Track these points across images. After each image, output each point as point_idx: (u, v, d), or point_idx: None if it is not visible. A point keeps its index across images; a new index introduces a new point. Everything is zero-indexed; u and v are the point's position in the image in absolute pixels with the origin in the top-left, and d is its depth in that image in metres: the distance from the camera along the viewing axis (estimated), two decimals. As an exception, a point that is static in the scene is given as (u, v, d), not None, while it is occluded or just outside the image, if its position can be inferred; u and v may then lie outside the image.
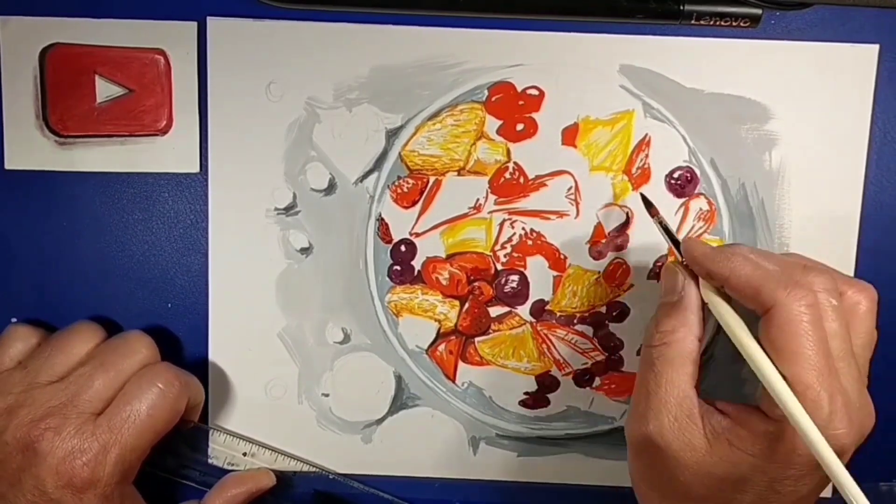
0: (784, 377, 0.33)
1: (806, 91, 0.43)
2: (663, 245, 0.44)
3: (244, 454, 0.44)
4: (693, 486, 0.35)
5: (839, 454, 0.33)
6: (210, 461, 0.44)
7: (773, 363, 0.34)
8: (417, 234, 0.44)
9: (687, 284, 0.37)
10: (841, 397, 0.34)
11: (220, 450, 0.44)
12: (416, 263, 0.44)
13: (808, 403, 0.33)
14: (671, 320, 0.37)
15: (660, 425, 0.35)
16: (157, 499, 0.42)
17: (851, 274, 0.44)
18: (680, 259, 0.38)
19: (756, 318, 0.35)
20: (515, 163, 0.43)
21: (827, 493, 0.45)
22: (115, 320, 0.44)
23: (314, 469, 0.45)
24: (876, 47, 0.43)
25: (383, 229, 0.44)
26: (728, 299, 0.37)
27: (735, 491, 0.35)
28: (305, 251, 0.44)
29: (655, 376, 0.36)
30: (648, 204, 0.41)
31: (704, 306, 0.37)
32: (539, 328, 0.45)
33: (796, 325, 0.33)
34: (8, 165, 0.42)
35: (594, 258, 0.44)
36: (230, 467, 0.44)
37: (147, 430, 0.39)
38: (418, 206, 0.44)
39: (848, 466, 0.34)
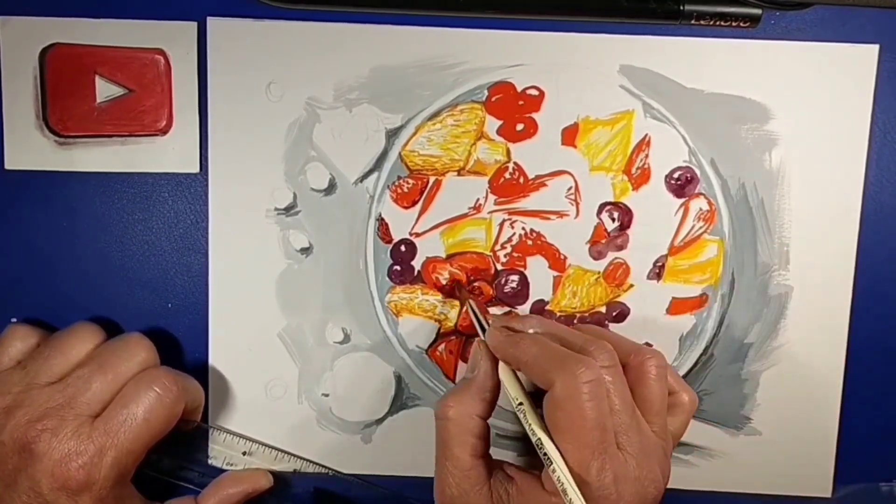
0: (560, 452, 0.35)
1: (806, 91, 0.43)
2: (663, 245, 0.44)
3: (244, 453, 0.44)
4: None
5: None
6: (209, 461, 0.44)
7: (551, 439, 0.36)
8: (417, 234, 0.44)
9: (483, 365, 0.39)
10: (612, 472, 0.35)
11: (219, 449, 0.44)
12: (416, 263, 0.44)
13: (576, 477, 0.35)
14: (457, 397, 0.39)
15: (451, 494, 0.38)
16: (157, 498, 0.42)
17: (851, 274, 0.44)
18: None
19: None
20: (515, 163, 0.43)
21: (827, 492, 0.45)
22: (115, 320, 0.44)
23: (314, 468, 0.45)
24: (876, 47, 0.43)
25: (383, 229, 0.44)
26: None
27: None
28: (305, 251, 0.44)
29: (442, 449, 0.38)
30: (460, 289, 0.43)
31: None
32: (539, 328, 0.45)
33: (569, 404, 0.35)
34: (8, 165, 0.42)
35: (594, 258, 0.44)
36: (229, 467, 0.44)
37: (143, 434, 0.39)
38: (418, 206, 0.44)
39: None
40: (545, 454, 0.36)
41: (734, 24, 0.41)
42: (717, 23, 0.41)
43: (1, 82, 0.42)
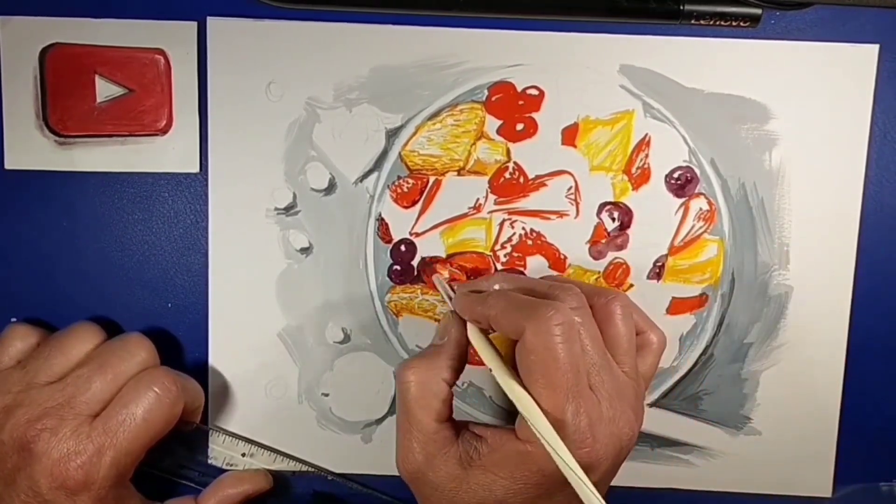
0: (534, 399, 0.35)
1: (806, 91, 0.43)
2: (663, 245, 0.44)
3: (243, 454, 0.44)
4: None
5: (589, 468, 0.35)
6: (210, 461, 0.44)
7: (524, 387, 0.35)
8: (417, 234, 0.44)
9: (452, 329, 0.39)
10: (587, 414, 0.35)
11: (219, 450, 0.44)
12: (416, 263, 0.44)
13: (552, 422, 0.34)
14: (423, 361, 0.38)
15: (415, 461, 0.37)
16: (157, 497, 0.42)
17: (851, 274, 0.44)
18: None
19: None
20: (515, 163, 0.43)
21: (827, 492, 0.45)
22: (115, 320, 0.44)
23: (313, 469, 0.45)
24: (876, 47, 0.43)
25: (383, 229, 0.44)
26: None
27: None
28: (305, 251, 0.44)
29: (405, 415, 0.38)
30: (426, 267, 0.43)
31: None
32: (539, 328, 0.45)
33: (541, 349, 0.35)
34: (8, 165, 0.42)
35: (594, 258, 0.44)
36: (229, 467, 0.44)
37: (142, 435, 0.39)
38: (418, 206, 0.44)
39: (605, 479, 0.36)
40: (515, 400, 0.35)
41: (734, 24, 0.41)
42: (717, 23, 0.41)
43: (1, 82, 0.42)
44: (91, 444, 0.38)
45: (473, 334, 0.38)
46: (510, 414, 0.45)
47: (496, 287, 0.40)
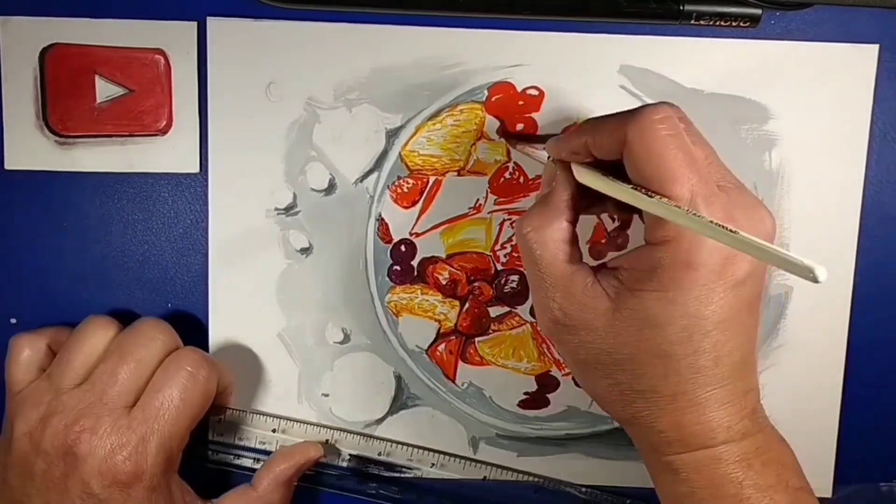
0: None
1: (806, 91, 0.43)
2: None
3: (273, 430, 0.44)
4: (622, 346, 0.34)
5: (733, 258, 0.33)
6: (241, 443, 0.44)
7: (646, 191, 0.33)
8: (417, 234, 0.44)
9: (557, 173, 0.37)
10: (717, 200, 0.33)
11: (248, 430, 0.44)
12: (416, 264, 0.44)
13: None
14: (537, 210, 0.36)
15: (559, 308, 0.35)
16: (201, 489, 0.42)
17: (851, 274, 0.44)
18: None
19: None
20: (515, 163, 0.43)
21: (827, 492, 0.45)
22: (116, 320, 0.44)
23: (348, 437, 0.45)
24: (876, 47, 0.43)
25: (383, 229, 0.44)
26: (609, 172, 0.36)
27: (659, 337, 0.34)
28: (305, 251, 0.44)
29: (534, 267, 0.36)
30: (508, 137, 0.42)
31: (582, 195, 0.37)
32: (539, 328, 0.45)
33: (648, 149, 0.33)
34: (8, 165, 0.42)
35: (594, 258, 0.44)
36: (262, 446, 0.44)
37: (183, 416, 0.39)
38: (418, 206, 0.44)
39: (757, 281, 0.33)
40: (641, 203, 0.33)
41: (734, 24, 0.41)
42: (717, 23, 0.41)
43: (1, 82, 0.42)
44: (134, 435, 0.38)
45: (578, 169, 0.36)
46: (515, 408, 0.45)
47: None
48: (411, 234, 0.44)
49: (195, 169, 0.43)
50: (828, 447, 0.45)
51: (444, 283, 0.44)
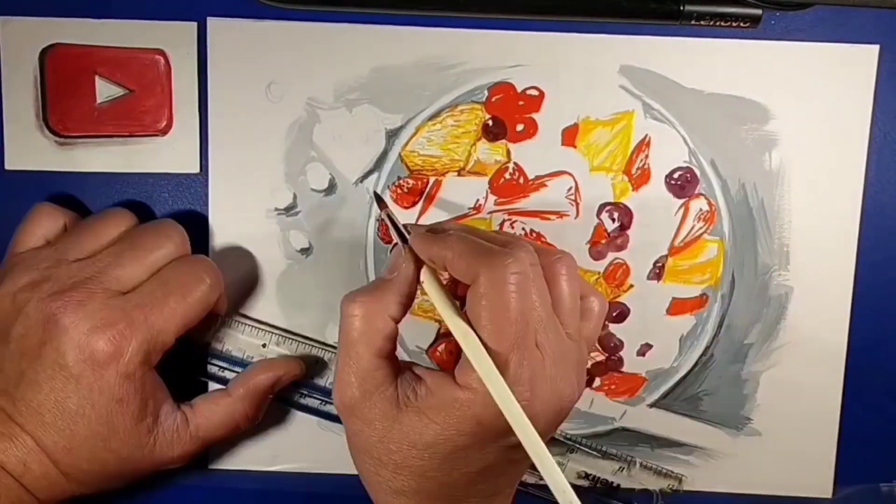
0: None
1: (806, 91, 0.43)
2: (663, 245, 0.44)
3: (263, 345, 0.43)
4: (391, 451, 0.36)
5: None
6: (228, 352, 0.43)
7: (474, 331, 0.35)
8: (417, 235, 0.44)
9: (405, 267, 0.37)
10: (529, 368, 0.34)
11: (242, 339, 0.43)
12: (416, 264, 0.44)
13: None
14: (370, 294, 0.37)
15: (352, 396, 0.36)
16: (179, 393, 0.41)
17: (851, 274, 0.44)
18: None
19: None
20: (515, 163, 0.43)
21: (827, 493, 0.45)
22: (135, 216, 0.43)
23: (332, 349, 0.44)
24: (876, 47, 0.43)
25: (383, 229, 0.44)
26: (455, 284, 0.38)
27: (423, 458, 0.35)
28: (305, 251, 0.44)
29: (346, 348, 0.36)
30: (379, 200, 0.42)
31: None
32: (539, 328, 0.44)
33: (494, 295, 0.34)
34: (8, 165, 0.42)
35: (594, 258, 0.44)
36: (250, 360, 0.43)
37: (176, 315, 0.38)
38: (418, 207, 0.44)
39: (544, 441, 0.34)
40: (462, 344, 0.35)
41: (734, 24, 0.41)
42: (717, 23, 0.41)
43: (1, 82, 0.42)
44: (123, 317, 0.37)
45: (427, 275, 0.37)
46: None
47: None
48: (411, 235, 0.44)
49: (195, 169, 0.43)
50: (828, 447, 0.45)
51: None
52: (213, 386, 0.43)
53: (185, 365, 0.42)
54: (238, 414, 0.41)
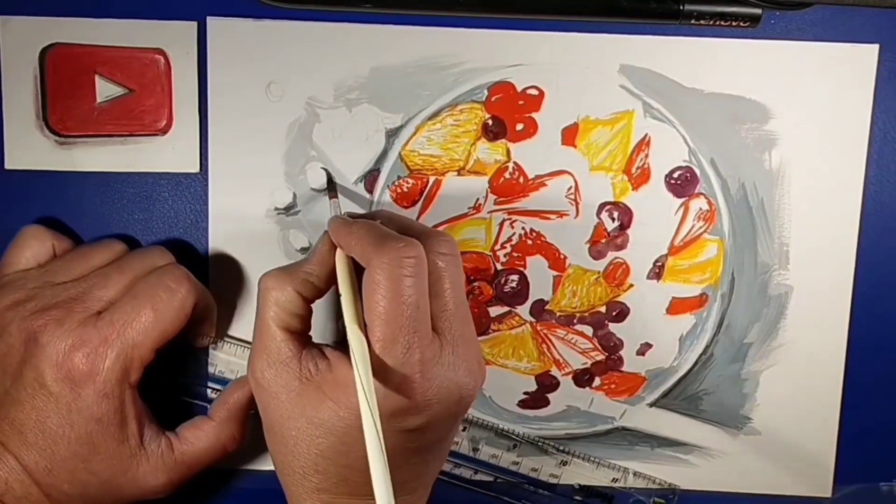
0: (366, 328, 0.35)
1: (806, 91, 0.43)
2: (663, 245, 0.44)
3: None
4: (293, 428, 0.36)
5: (415, 409, 0.35)
6: (216, 373, 0.43)
7: (362, 318, 0.35)
8: (417, 234, 0.44)
9: (319, 247, 0.38)
10: (420, 352, 0.34)
11: (223, 358, 0.43)
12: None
13: (378, 352, 0.34)
14: (280, 270, 0.37)
15: (260, 369, 0.36)
16: (170, 420, 0.41)
17: (851, 274, 0.44)
18: None
19: None
20: (515, 163, 0.43)
21: (827, 492, 0.45)
22: (126, 245, 0.43)
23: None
24: (876, 47, 0.43)
25: (383, 229, 0.44)
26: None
27: (320, 436, 0.35)
28: (305, 251, 0.44)
29: (258, 321, 0.37)
30: (331, 186, 0.42)
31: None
32: (539, 328, 0.45)
33: (380, 282, 0.34)
34: (8, 165, 0.43)
35: (594, 258, 0.44)
36: (233, 376, 0.43)
37: (151, 329, 0.38)
38: (418, 206, 0.44)
39: (436, 427, 0.35)
40: (348, 327, 0.35)
41: (734, 24, 0.41)
42: (717, 23, 0.41)
43: (1, 82, 0.42)
44: (97, 335, 0.37)
45: (339, 258, 0.37)
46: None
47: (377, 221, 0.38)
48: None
49: (195, 169, 0.43)
50: (828, 447, 0.45)
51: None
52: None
53: (172, 387, 0.43)
54: (224, 438, 0.41)
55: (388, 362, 0.34)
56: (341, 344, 0.36)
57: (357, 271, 0.37)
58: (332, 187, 0.42)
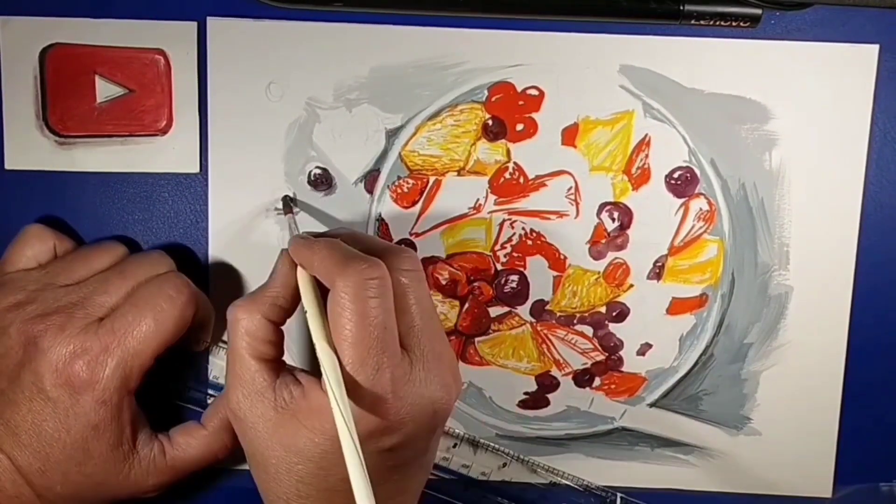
0: (336, 352, 0.34)
1: (806, 91, 0.43)
2: (663, 245, 0.44)
3: None
4: (272, 456, 0.36)
5: (389, 429, 0.35)
6: (213, 379, 0.43)
7: (331, 340, 0.35)
8: (417, 235, 0.44)
9: (279, 269, 0.38)
10: (390, 371, 0.34)
11: (220, 364, 0.43)
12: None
13: (348, 375, 0.34)
14: (247, 298, 0.37)
15: (236, 399, 0.36)
16: (164, 424, 0.41)
17: (851, 274, 0.44)
18: None
19: None
20: (515, 163, 0.43)
21: (827, 492, 0.45)
22: (127, 248, 0.43)
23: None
24: (876, 47, 0.43)
25: (383, 229, 0.44)
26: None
27: (299, 462, 0.35)
28: (305, 251, 0.44)
29: (230, 352, 0.37)
30: (287, 204, 0.42)
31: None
32: (539, 328, 0.45)
33: (345, 303, 0.34)
34: (8, 165, 0.42)
35: (594, 258, 0.44)
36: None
37: (151, 337, 0.38)
38: (418, 206, 0.44)
39: (412, 444, 0.34)
40: (318, 350, 0.35)
41: (734, 24, 0.41)
42: (717, 23, 0.41)
43: (1, 82, 0.42)
44: (98, 343, 0.37)
45: (302, 277, 0.37)
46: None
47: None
48: (411, 235, 0.44)
49: (195, 169, 0.43)
50: (828, 447, 0.45)
51: (443, 283, 0.44)
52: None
53: (166, 390, 0.43)
54: (216, 447, 0.41)
55: (360, 383, 0.34)
56: (313, 361, 0.36)
57: (321, 286, 0.37)
58: (286, 204, 0.42)
